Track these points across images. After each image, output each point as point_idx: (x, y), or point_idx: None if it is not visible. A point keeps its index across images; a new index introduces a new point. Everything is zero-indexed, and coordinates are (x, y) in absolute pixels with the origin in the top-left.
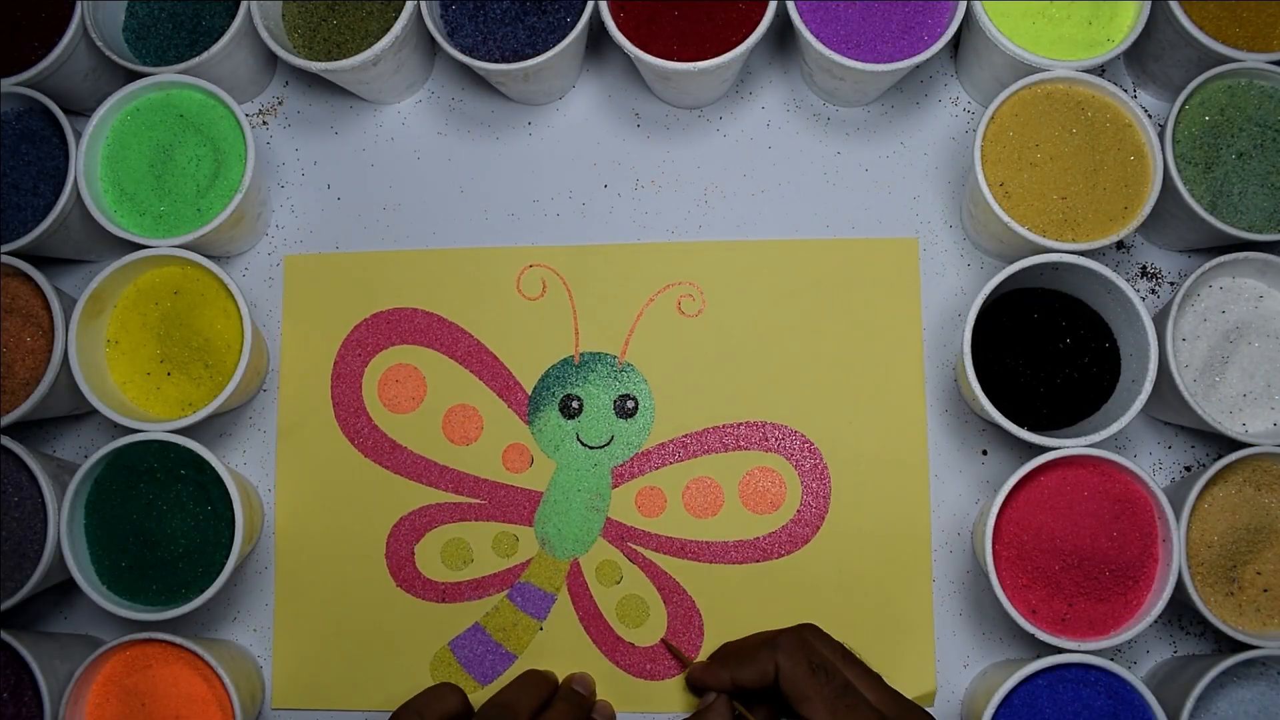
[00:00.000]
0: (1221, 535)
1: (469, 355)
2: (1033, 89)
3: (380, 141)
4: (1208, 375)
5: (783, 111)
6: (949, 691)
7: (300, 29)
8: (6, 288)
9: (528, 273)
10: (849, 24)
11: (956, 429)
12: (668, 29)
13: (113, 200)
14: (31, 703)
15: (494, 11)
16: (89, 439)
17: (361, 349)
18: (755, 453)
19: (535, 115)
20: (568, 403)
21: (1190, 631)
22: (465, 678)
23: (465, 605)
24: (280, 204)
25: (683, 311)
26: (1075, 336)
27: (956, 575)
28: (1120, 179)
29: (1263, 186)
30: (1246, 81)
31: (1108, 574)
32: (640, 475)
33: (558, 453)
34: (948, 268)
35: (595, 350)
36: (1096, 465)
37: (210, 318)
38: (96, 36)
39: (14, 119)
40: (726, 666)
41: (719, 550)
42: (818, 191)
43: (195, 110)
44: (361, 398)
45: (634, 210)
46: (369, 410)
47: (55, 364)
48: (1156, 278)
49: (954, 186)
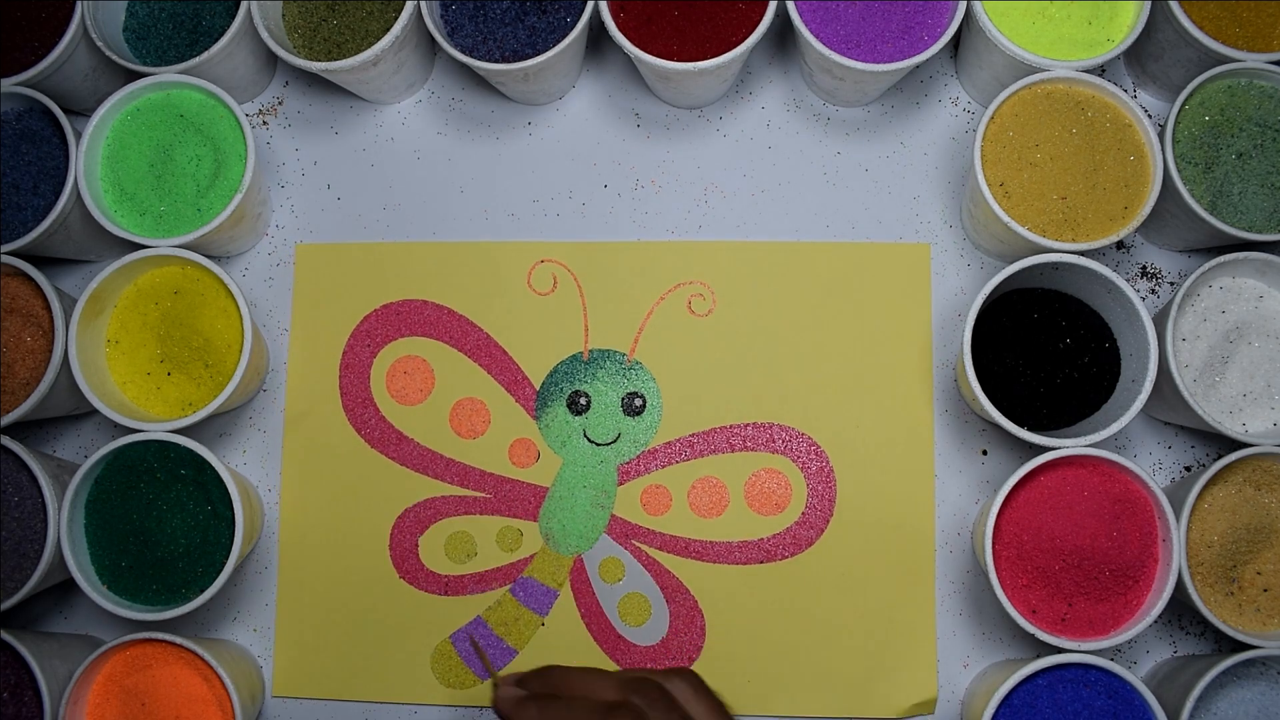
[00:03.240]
0: (1221, 535)
1: (478, 349)
2: (1033, 89)
3: (380, 141)
4: (1208, 375)
5: (783, 111)
6: (949, 692)
7: (300, 29)
8: (6, 288)
9: (539, 268)
10: (849, 24)
11: (956, 429)
12: (668, 29)
13: (113, 200)
14: (31, 703)
15: (494, 11)
16: (89, 439)
17: (371, 340)
18: (762, 454)
19: (535, 115)
20: (575, 399)
21: (1190, 631)
22: (465, 671)
23: (468, 599)
24: (280, 204)
25: (693, 311)
26: (1075, 336)
27: (957, 575)
28: (1120, 179)
29: (1263, 186)
30: (1246, 81)
31: (1108, 574)
32: (646, 473)
33: (564, 448)
34: (948, 268)
35: (604, 347)
36: (1096, 465)
37: (210, 318)
38: (96, 36)
39: (14, 119)
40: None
41: (723, 550)
42: (818, 191)
43: (195, 110)
44: (369, 388)
45: (634, 210)
46: (376, 401)
47: (55, 364)
48: (1156, 278)
49: (954, 186)
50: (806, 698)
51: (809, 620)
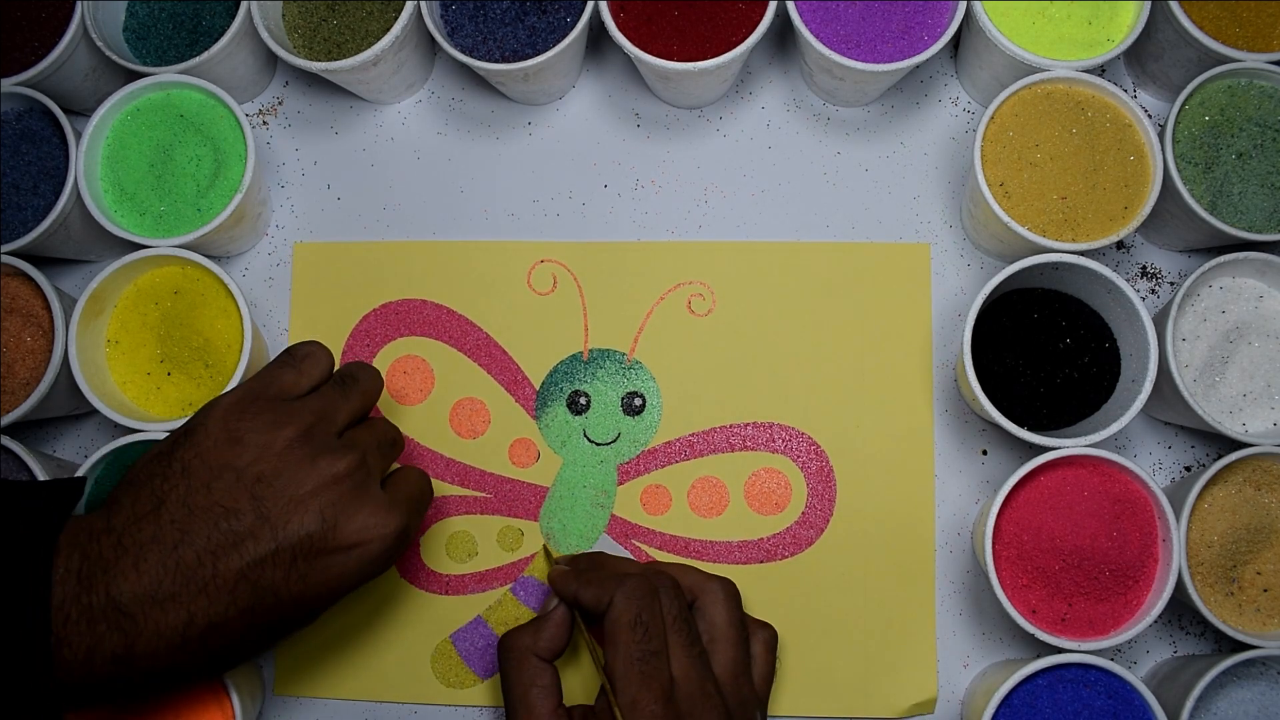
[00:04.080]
0: (1221, 535)
1: (478, 349)
2: (1033, 89)
3: (380, 141)
4: (1208, 375)
5: (783, 111)
6: (949, 691)
7: (300, 29)
8: (6, 288)
9: (539, 267)
10: (849, 24)
11: (956, 429)
12: (668, 29)
13: (113, 200)
14: None
15: (494, 11)
16: (89, 439)
17: (370, 339)
18: (762, 454)
19: (535, 115)
20: (575, 399)
21: (1190, 631)
22: (466, 670)
23: (468, 598)
24: (280, 204)
25: (693, 311)
26: (1075, 336)
27: (957, 575)
28: (1120, 179)
29: (1263, 186)
30: (1246, 81)
31: (1108, 574)
32: (646, 473)
33: (564, 448)
34: (948, 268)
35: (604, 347)
36: (1096, 465)
37: (210, 318)
38: (96, 36)
39: (14, 119)
40: (578, 578)
41: (723, 550)
42: (818, 191)
43: (195, 110)
44: None
45: (634, 210)
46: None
47: (55, 364)
48: (1156, 278)
49: (954, 186)
50: (806, 698)
51: (808, 620)
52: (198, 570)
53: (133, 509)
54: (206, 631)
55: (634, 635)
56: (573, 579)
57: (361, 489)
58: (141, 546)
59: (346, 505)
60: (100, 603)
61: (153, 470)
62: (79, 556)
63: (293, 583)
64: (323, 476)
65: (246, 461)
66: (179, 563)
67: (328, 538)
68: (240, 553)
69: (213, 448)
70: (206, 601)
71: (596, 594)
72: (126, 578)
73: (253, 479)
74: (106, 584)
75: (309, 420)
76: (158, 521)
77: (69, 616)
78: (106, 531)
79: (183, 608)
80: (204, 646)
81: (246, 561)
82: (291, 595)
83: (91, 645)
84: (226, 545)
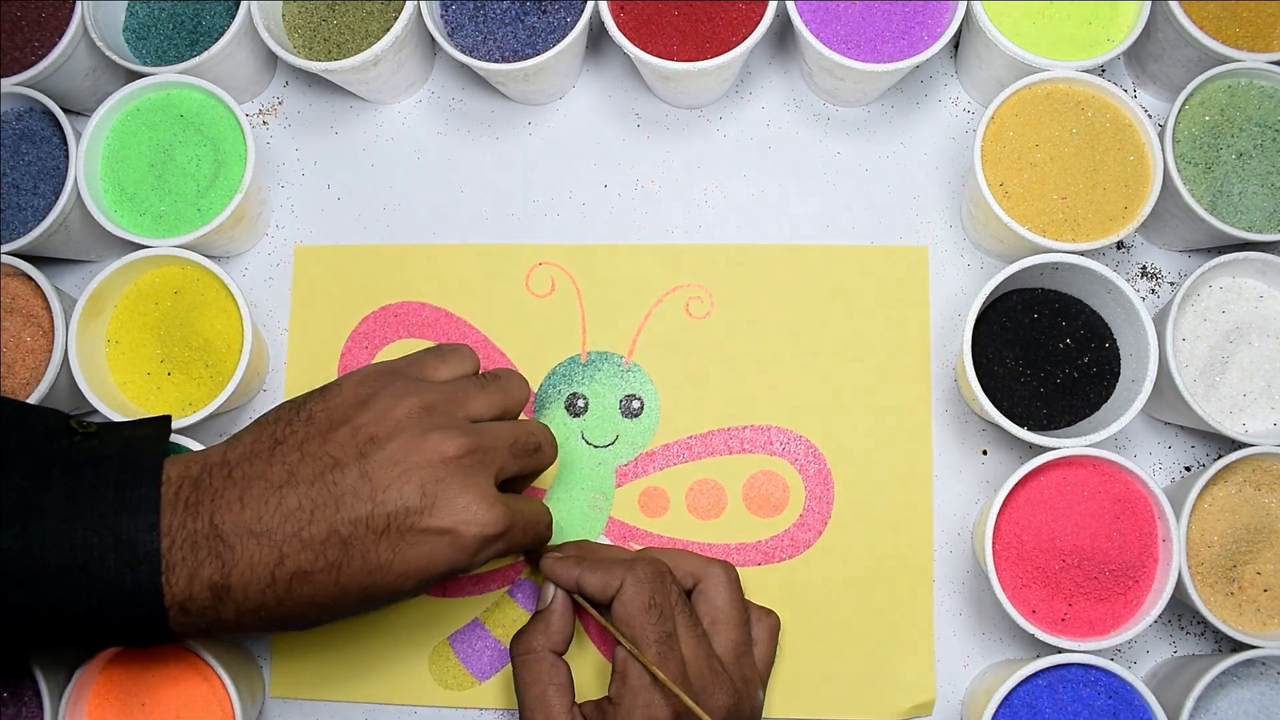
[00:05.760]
0: (1221, 535)
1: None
2: (1033, 89)
3: (380, 141)
4: (1208, 375)
5: (783, 111)
6: (949, 692)
7: (300, 29)
8: (6, 288)
9: (537, 270)
10: (849, 24)
11: (956, 429)
12: (668, 29)
13: (113, 200)
14: (31, 703)
15: (494, 11)
16: None
17: (369, 341)
18: (760, 456)
19: (535, 115)
20: (573, 401)
21: (1190, 631)
22: (464, 672)
23: (466, 600)
24: (280, 204)
25: (691, 313)
26: (1075, 336)
27: (956, 575)
28: (1120, 179)
29: (1263, 186)
30: (1246, 81)
31: (1107, 574)
32: (644, 475)
33: (562, 450)
34: (948, 268)
35: (602, 349)
36: (1096, 465)
37: (210, 318)
38: (96, 36)
39: (14, 119)
40: (579, 565)
41: (721, 552)
42: (818, 192)
43: (195, 110)
44: None
45: (634, 210)
46: None
47: (55, 364)
48: (1156, 278)
49: (954, 186)
50: (805, 699)
51: (807, 622)
52: (296, 514)
53: (251, 446)
54: (295, 576)
55: (649, 618)
56: (573, 566)
57: (469, 475)
58: (249, 480)
59: (449, 486)
60: (204, 529)
61: (280, 415)
62: (190, 485)
63: (383, 551)
64: (432, 452)
65: (364, 421)
66: (281, 502)
67: (424, 514)
68: (338, 506)
69: (340, 405)
70: (299, 545)
71: (603, 580)
72: (231, 508)
73: (365, 439)
74: (212, 511)
75: (435, 398)
76: (270, 460)
77: (175, 541)
78: (221, 464)
79: (275, 547)
80: (290, 592)
81: (342, 517)
82: (380, 563)
83: (193, 570)
84: (327, 497)
